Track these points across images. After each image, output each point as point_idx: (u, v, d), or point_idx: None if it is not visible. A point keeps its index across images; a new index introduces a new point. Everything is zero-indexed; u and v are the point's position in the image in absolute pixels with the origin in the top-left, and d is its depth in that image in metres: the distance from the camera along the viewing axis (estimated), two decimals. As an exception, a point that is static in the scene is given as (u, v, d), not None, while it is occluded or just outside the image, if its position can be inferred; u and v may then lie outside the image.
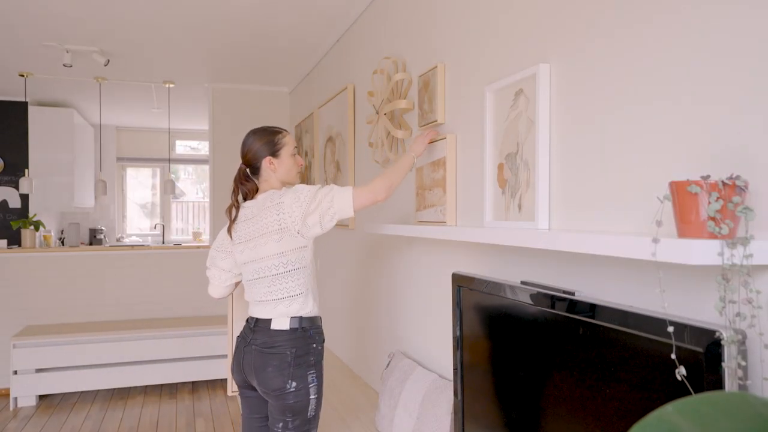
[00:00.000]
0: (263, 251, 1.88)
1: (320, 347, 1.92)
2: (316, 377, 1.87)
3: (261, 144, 1.97)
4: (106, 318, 4.94)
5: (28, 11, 3.24)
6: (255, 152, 1.97)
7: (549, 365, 1.29)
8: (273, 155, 1.97)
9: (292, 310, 1.87)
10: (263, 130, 2.01)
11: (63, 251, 4.84)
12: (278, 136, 2.00)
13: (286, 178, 2.00)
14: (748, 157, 0.98)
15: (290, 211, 1.82)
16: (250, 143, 2.00)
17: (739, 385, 0.86)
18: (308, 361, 1.87)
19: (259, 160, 1.96)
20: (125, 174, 7.92)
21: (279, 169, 1.97)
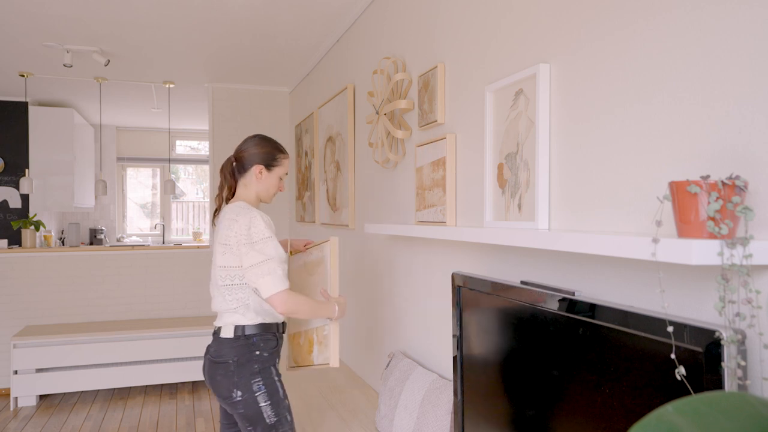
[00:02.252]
0: (215, 259, 1.97)
1: (267, 354, 1.93)
2: (263, 384, 1.89)
3: (263, 151, 2.01)
4: (106, 318, 4.94)
5: (28, 11, 3.25)
6: (252, 154, 2.01)
7: (549, 365, 1.29)
8: (267, 166, 2.02)
9: (235, 320, 1.93)
10: (270, 141, 2.06)
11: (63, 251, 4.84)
12: (280, 155, 2.06)
13: (263, 194, 2.05)
14: (747, 157, 0.98)
15: (238, 233, 1.88)
16: (252, 144, 2.03)
17: (738, 385, 0.86)
18: (251, 369, 1.89)
19: (252, 164, 2.01)
20: (125, 174, 7.92)
21: (263, 182, 2.02)
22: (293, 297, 1.87)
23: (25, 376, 4.32)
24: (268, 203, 2.06)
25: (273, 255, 1.87)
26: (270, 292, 1.84)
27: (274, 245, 1.89)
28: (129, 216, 7.99)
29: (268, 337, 1.96)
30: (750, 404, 0.63)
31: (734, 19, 1.00)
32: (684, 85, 1.11)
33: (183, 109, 6.31)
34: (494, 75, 1.78)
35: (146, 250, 5.06)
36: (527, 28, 1.61)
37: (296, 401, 2.73)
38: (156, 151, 7.87)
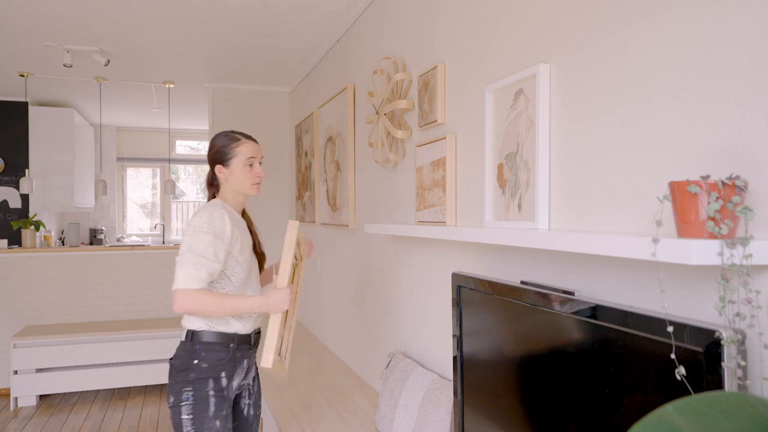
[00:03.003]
0: None
1: (207, 365, 1.81)
2: (192, 396, 1.78)
3: (215, 150, 1.95)
4: (106, 318, 4.94)
5: (28, 11, 3.25)
6: (211, 156, 1.97)
7: (549, 365, 1.29)
8: (222, 164, 1.94)
9: (187, 322, 1.88)
10: (223, 135, 1.98)
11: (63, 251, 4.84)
12: (232, 144, 1.95)
13: (238, 188, 1.96)
14: (747, 157, 0.98)
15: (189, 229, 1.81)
16: (210, 145, 1.99)
17: (738, 384, 0.86)
18: (187, 376, 1.80)
19: (212, 166, 1.97)
20: (125, 174, 7.92)
21: (229, 179, 1.94)
22: (191, 296, 1.73)
23: (25, 376, 4.32)
24: (256, 194, 1.99)
25: (196, 249, 1.75)
26: (174, 286, 1.75)
27: (206, 241, 1.77)
28: (129, 216, 7.99)
29: (216, 348, 1.84)
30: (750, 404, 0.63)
31: (734, 19, 1.00)
32: (684, 85, 1.11)
33: (183, 109, 6.30)
34: (494, 75, 1.78)
35: (146, 250, 5.06)
36: (527, 28, 1.61)
37: (296, 401, 2.73)
38: (156, 151, 7.87)
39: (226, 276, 1.88)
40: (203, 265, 1.75)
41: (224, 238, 1.81)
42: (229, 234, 1.83)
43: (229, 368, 1.87)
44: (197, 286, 1.74)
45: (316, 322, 4.19)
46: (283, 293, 1.84)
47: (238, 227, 1.90)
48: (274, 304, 1.82)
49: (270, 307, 1.82)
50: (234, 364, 1.88)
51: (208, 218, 1.80)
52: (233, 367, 1.88)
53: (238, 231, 1.89)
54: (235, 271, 1.89)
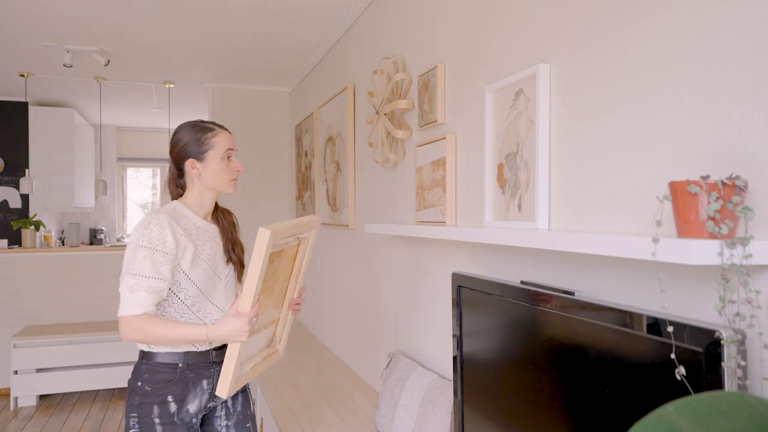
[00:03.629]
0: None
1: (150, 388, 1.64)
2: (137, 422, 1.63)
3: (186, 142, 1.71)
4: (106, 318, 4.94)
5: (28, 11, 3.25)
6: (179, 150, 1.72)
7: (549, 365, 1.29)
8: (197, 158, 1.70)
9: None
10: (193, 126, 1.73)
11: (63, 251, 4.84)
12: (207, 134, 1.72)
13: (214, 185, 1.73)
14: (747, 157, 0.98)
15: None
16: (176, 139, 1.73)
17: (738, 384, 0.86)
18: (132, 400, 1.66)
19: (182, 162, 1.72)
20: (125, 174, 7.92)
21: (204, 175, 1.71)
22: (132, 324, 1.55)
23: (25, 376, 4.32)
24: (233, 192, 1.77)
25: (132, 268, 1.57)
26: (118, 313, 1.58)
27: (142, 256, 1.57)
28: (129, 216, 7.99)
29: (160, 369, 1.65)
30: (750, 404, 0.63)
31: (734, 19, 1.00)
32: (684, 85, 1.10)
33: (183, 109, 6.31)
34: (494, 75, 1.78)
35: (146, 250, 5.05)
36: (527, 28, 1.61)
37: (295, 401, 2.73)
38: (156, 151, 7.87)
39: (173, 293, 1.66)
40: (141, 286, 1.56)
41: (165, 249, 1.59)
42: (172, 245, 1.60)
43: (178, 391, 1.67)
44: (138, 311, 1.55)
45: (316, 322, 4.19)
46: (240, 321, 1.53)
47: (193, 235, 1.68)
48: (229, 334, 1.54)
49: (225, 337, 1.55)
50: (185, 385, 1.68)
51: (143, 230, 1.59)
52: (184, 390, 1.67)
53: (189, 240, 1.65)
54: (182, 287, 1.66)
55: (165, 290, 1.61)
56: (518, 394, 1.42)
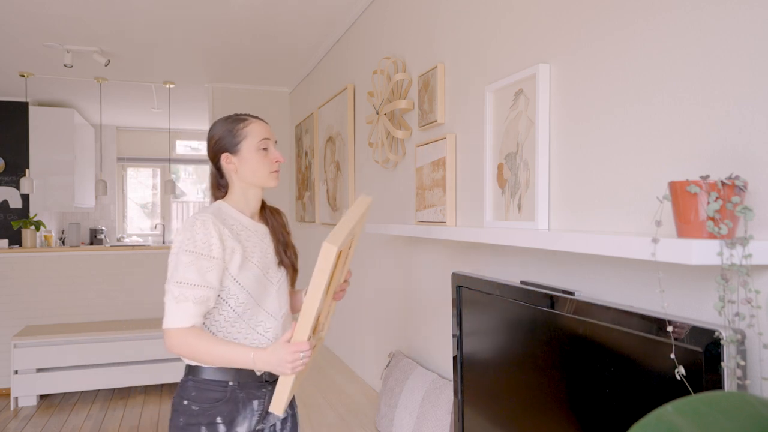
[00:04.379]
0: None
1: (198, 408, 1.49)
2: None
3: (219, 135, 1.58)
4: (106, 318, 4.94)
5: (28, 11, 3.25)
6: (213, 146, 1.59)
7: (549, 365, 1.29)
8: (231, 151, 1.57)
9: None
10: (226, 119, 1.61)
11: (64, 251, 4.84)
12: (240, 125, 1.58)
13: (253, 180, 1.58)
14: (747, 157, 0.98)
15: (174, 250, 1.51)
16: (210, 135, 1.61)
17: (738, 384, 0.86)
18: (177, 421, 1.50)
19: (217, 158, 1.59)
20: (125, 174, 7.92)
21: (241, 169, 1.57)
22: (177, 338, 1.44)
23: (25, 375, 4.32)
24: (275, 186, 1.61)
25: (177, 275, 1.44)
26: (164, 324, 1.47)
27: (186, 262, 1.44)
28: (129, 216, 7.99)
29: (209, 386, 1.50)
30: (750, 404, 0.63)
31: (734, 19, 1.00)
32: (684, 85, 1.11)
33: (183, 109, 6.31)
34: (494, 75, 1.78)
35: (146, 250, 5.06)
36: (527, 28, 1.61)
37: (296, 401, 2.73)
38: (156, 151, 7.87)
39: (223, 300, 1.52)
40: (186, 297, 1.44)
41: (212, 254, 1.46)
42: (218, 248, 1.46)
43: (228, 412, 1.51)
44: (185, 324, 1.44)
45: (317, 322, 4.18)
46: (292, 355, 1.37)
47: (241, 236, 1.55)
48: (278, 367, 1.39)
49: (275, 369, 1.40)
50: (235, 406, 1.52)
51: (187, 233, 1.46)
52: (234, 411, 1.52)
53: (237, 242, 1.51)
54: (232, 293, 1.51)
55: (213, 299, 1.48)
56: (518, 394, 1.42)
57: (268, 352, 1.40)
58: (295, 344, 1.37)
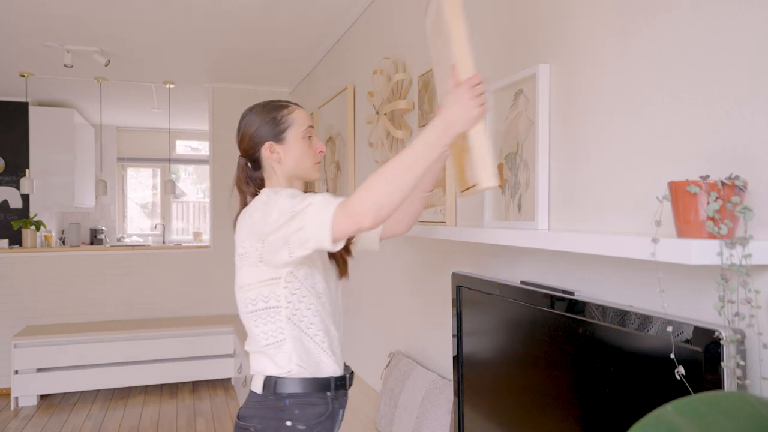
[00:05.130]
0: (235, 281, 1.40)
1: (303, 427, 1.30)
2: None
3: (259, 124, 1.42)
4: (106, 318, 4.94)
5: (28, 11, 3.25)
6: (251, 136, 1.43)
7: (548, 365, 1.29)
8: (275, 139, 1.41)
9: (263, 366, 1.34)
10: (264, 106, 1.46)
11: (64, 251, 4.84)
12: (284, 111, 1.43)
13: (297, 171, 1.43)
14: (747, 157, 0.98)
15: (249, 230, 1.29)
16: (245, 123, 1.46)
17: (738, 384, 0.86)
18: None
19: (258, 148, 1.43)
20: (126, 174, 7.92)
21: (285, 159, 1.41)
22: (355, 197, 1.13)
23: (25, 375, 4.32)
24: (317, 178, 1.50)
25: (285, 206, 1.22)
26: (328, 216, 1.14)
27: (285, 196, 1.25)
28: (129, 216, 7.99)
29: (312, 400, 1.31)
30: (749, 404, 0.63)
31: (734, 19, 1.00)
32: (684, 85, 1.11)
33: (183, 109, 6.31)
34: (494, 75, 1.78)
35: (146, 250, 5.06)
36: (527, 28, 1.61)
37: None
38: (156, 151, 7.87)
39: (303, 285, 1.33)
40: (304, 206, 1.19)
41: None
42: None
43: (329, 426, 1.35)
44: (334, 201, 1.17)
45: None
46: (467, 88, 1.13)
47: None
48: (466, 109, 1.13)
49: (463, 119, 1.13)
50: (333, 420, 1.36)
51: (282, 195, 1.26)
52: (332, 425, 1.36)
53: None
54: (317, 279, 1.36)
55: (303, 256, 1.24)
56: (518, 394, 1.42)
57: (446, 110, 1.14)
58: (466, 80, 1.14)
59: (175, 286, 5.09)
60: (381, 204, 1.11)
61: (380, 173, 1.12)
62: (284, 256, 1.23)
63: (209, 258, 5.14)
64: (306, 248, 1.20)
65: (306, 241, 1.18)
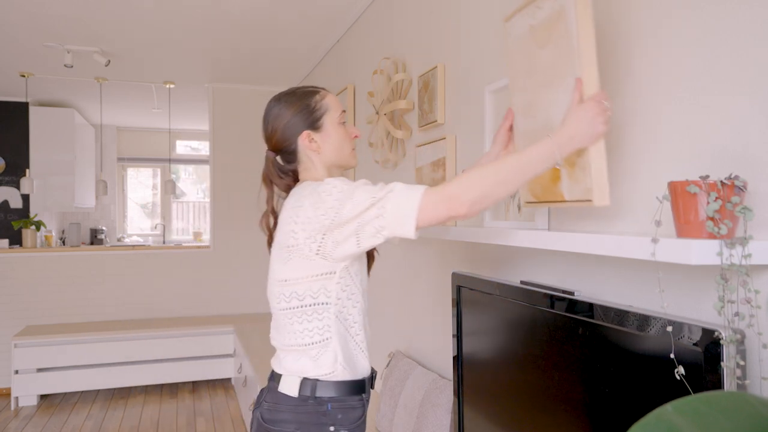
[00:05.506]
0: (271, 270, 1.30)
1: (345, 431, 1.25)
2: None
3: (291, 115, 1.31)
4: (106, 318, 4.94)
5: (28, 12, 3.25)
6: (284, 128, 1.31)
7: (548, 365, 1.29)
8: (313, 128, 1.32)
9: (301, 367, 1.25)
10: (292, 94, 1.34)
11: (64, 251, 4.85)
12: (317, 97, 1.34)
13: (336, 160, 1.35)
14: (747, 157, 0.98)
15: (305, 221, 1.19)
16: (275, 116, 1.33)
17: (737, 384, 0.86)
18: None
19: (293, 139, 1.32)
20: (126, 174, 7.92)
21: (324, 148, 1.33)
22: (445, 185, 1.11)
23: (25, 375, 4.32)
24: (355, 165, 1.41)
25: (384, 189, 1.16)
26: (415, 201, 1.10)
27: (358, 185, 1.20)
28: (129, 216, 7.99)
29: (352, 403, 1.26)
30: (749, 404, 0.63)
31: (734, 19, 1.01)
32: (684, 85, 1.11)
33: (183, 110, 6.31)
34: (494, 75, 1.78)
35: (147, 250, 5.06)
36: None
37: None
38: (156, 151, 7.87)
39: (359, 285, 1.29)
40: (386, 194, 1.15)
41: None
42: None
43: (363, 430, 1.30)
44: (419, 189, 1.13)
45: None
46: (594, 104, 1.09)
47: None
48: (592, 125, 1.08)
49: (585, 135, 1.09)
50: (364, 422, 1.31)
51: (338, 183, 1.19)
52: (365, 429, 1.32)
53: None
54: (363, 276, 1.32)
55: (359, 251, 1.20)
56: (518, 394, 1.42)
57: (568, 125, 1.09)
58: (594, 96, 1.10)
59: (175, 286, 5.09)
60: (484, 196, 1.08)
61: (491, 168, 1.09)
62: (350, 246, 1.17)
63: (209, 258, 5.14)
64: (378, 237, 1.15)
65: (381, 229, 1.13)
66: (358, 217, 1.14)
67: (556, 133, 1.09)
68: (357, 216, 1.14)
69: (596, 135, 1.09)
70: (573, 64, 1.12)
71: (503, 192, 1.10)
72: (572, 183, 1.18)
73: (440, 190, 1.10)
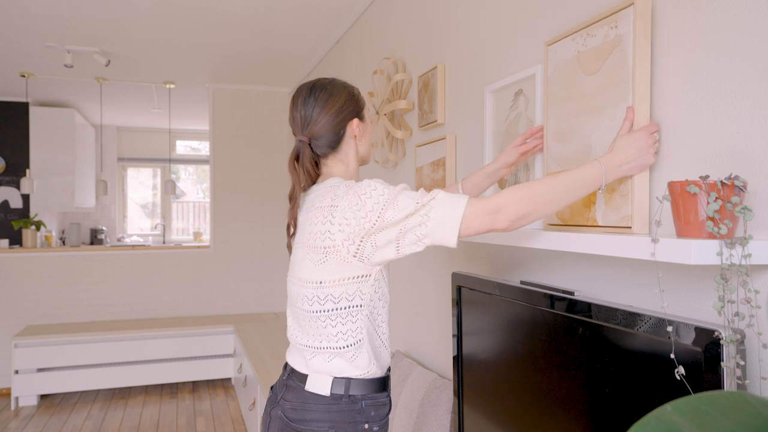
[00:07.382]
0: (299, 270, 1.25)
1: (378, 428, 1.26)
2: None
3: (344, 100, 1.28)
4: (106, 318, 4.94)
5: (29, 12, 3.25)
6: (337, 112, 1.27)
7: (548, 365, 1.29)
8: (359, 117, 1.31)
9: (335, 367, 1.23)
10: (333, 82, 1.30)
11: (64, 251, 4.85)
12: (356, 89, 1.34)
13: (366, 153, 1.36)
14: (747, 157, 0.98)
15: (343, 222, 1.16)
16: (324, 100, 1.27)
17: (737, 384, 0.86)
18: None
19: (343, 125, 1.28)
20: (126, 174, 7.93)
21: (363, 139, 1.33)
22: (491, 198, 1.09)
23: (25, 375, 4.32)
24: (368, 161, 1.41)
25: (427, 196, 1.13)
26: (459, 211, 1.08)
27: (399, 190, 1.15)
28: (129, 216, 7.99)
29: (382, 400, 1.27)
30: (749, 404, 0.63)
31: (734, 18, 1.01)
32: (684, 85, 1.11)
33: (183, 110, 6.31)
34: (494, 75, 1.78)
35: (147, 250, 5.07)
36: (527, 28, 1.61)
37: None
38: (156, 151, 7.88)
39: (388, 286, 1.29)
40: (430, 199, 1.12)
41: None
42: None
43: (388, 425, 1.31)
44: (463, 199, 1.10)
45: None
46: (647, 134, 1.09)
47: None
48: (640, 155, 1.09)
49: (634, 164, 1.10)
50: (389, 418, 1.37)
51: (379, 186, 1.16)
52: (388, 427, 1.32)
53: None
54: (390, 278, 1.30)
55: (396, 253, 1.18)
56: (518, 394, 1.42)
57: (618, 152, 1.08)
58: (646, 127, 1.10)
59: (175, 286, 5.09)
60: (528, 213, 1.08)
61: (539, 185, 1.08)
62: (389, 252, 1.15)
63: (209, 258, 5.15)
64: (419, 245, 1.13)
65: (423, 237, 1.12)
66: (400, 223, 1.12)
67: (604, 159, 1.09)
68: (399, 222, 1.12)
69: (645, 165, 1.11)
70: (626, 94, 1.13)
71: (549, 211, 1.09)
72: (609, 209, 1.18)
73: (485, 202, 1.09)
